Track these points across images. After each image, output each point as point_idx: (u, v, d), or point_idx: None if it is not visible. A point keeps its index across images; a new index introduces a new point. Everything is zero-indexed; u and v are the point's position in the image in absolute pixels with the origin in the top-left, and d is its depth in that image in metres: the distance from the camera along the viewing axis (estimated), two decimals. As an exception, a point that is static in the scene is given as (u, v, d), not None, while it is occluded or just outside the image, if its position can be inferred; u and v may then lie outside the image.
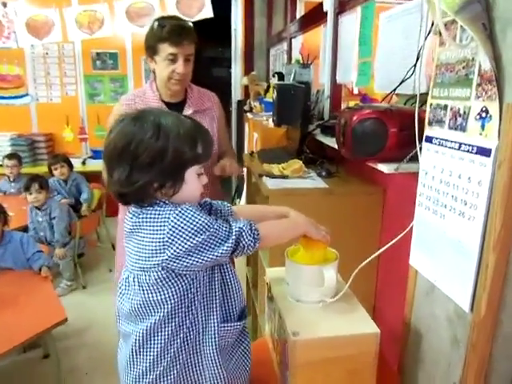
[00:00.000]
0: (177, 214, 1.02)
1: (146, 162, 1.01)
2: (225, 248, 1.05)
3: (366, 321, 1.23)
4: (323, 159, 2.19)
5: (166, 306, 1.07)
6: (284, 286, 1.38)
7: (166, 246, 1.02)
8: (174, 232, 1.01)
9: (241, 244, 1.07)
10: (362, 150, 1.42)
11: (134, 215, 1.07)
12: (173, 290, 1.06)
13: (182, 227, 1.01)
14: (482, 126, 1.00)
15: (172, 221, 1.01)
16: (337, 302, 1.29)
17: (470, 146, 1.04)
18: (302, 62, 2.85)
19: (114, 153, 1.03)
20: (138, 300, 1.09)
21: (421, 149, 1.27)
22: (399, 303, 1.53)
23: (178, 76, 1.90)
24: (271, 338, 1.45)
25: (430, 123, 1.21)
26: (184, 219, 1.01)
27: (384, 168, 1.38)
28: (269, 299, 1.47)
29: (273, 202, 1.76)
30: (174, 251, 1.01)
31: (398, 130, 1.36)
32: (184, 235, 1.01)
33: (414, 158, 1.33)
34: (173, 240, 1.01)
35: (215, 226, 1.04)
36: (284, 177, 1.95)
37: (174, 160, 1.02)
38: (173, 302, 1.07)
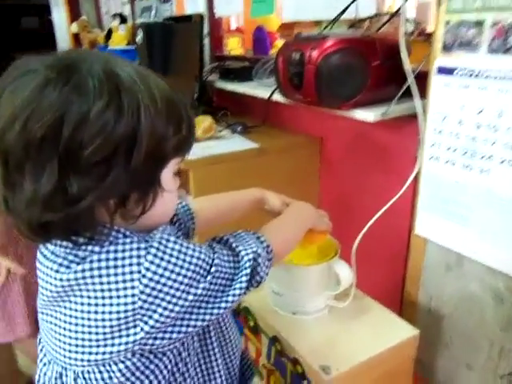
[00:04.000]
0: (154, 256, 0.49)
1: (95, 159, 0.44)
2: (236, 292, 0.56)
3: (398, 322, 0.89)
4: (225, 111, 1.72)
5: None
6: (262, 295, 0.95)
7: (139, 317, 0.50)
8: (153, 290, 0.49)
9: (257, 277, 0.59)
10: (332, 94, 1.00)
11: (61, 264, 0.50)
12: (153, 378, 0.56)
13: (168, 278, 0.50)
14: None
15: (147, 269, 0.49)
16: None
17: (543, 73, 0.71)
18: (161, -5, 2.24)
19: (22, 144, 0.44)
20: None
21: (419, 83, 0.92)
22: (384, 279, 1.23)
23: None
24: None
25: (448, 48, 0.84)
26: (168, 262, 0.50)
27: (368, 115, 0.99)
28: (235, 313, 1.02)
29: (197, 176, 1.27)
30: (157, 321, 0.50)
31: (380, 63, 0.98)
32: (172, 291, 0.50)
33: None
34: (151, 303, 0.49)
35: (216, 260, 0.55)
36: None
37: (149, 153, 0.47)
38: None
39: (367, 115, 0.99)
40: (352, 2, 1.13)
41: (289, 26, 1.67)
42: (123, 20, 3.13)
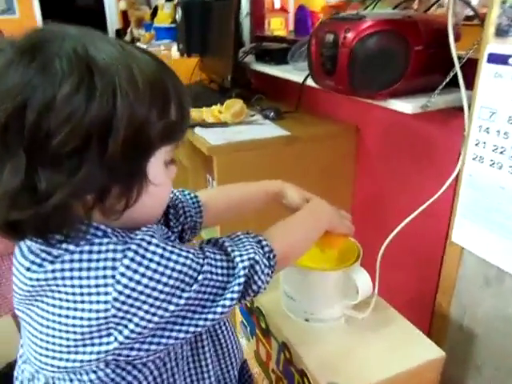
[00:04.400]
0: (131, 260, 0.44)
1: (65, 150, 0.39)
2: (227, 302, 0.50)
3: (422, 339, 0.80)
4: (261, 95, 1.63)
5: None
6: (276, 296, 0.88)
7: (113, 326, 0.44)
8: (128, 298, 0.43)
9: (253, 286, 0.53)
10: (367, 81, 0.90)
11: (33, 262, 0.46)
12: None
13: (146, 286, 0.44)
14: None
15: (122, 274, 0.43)
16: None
17: None
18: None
19: None
20: None
21: (468, 72, 0.80)
22: (414, 288, 1.14)
23: None
24: (260, 366, 0.97)
25: (502, 32, 0.72)
26: (146, 268, 0.44)
27: (406, 107, 0.88)
28: (249, 311, 0.97)
29: (221, 162, 1.20)
30: (132, 332, 0.45)
31: (423, 48, 0.87)
32: (150, 301, 0.45)
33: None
34: (126, 312, 0.44)
35: (205, 267, 0.48)
36: (223, 124, 1.38)
37: (128, 142, 0.41)
38: None
39: (405, 107, 0.89)
40: (398, -21, 1.02)
41: (333, 6, 1.56)
42: (170, -2, 3.08)
